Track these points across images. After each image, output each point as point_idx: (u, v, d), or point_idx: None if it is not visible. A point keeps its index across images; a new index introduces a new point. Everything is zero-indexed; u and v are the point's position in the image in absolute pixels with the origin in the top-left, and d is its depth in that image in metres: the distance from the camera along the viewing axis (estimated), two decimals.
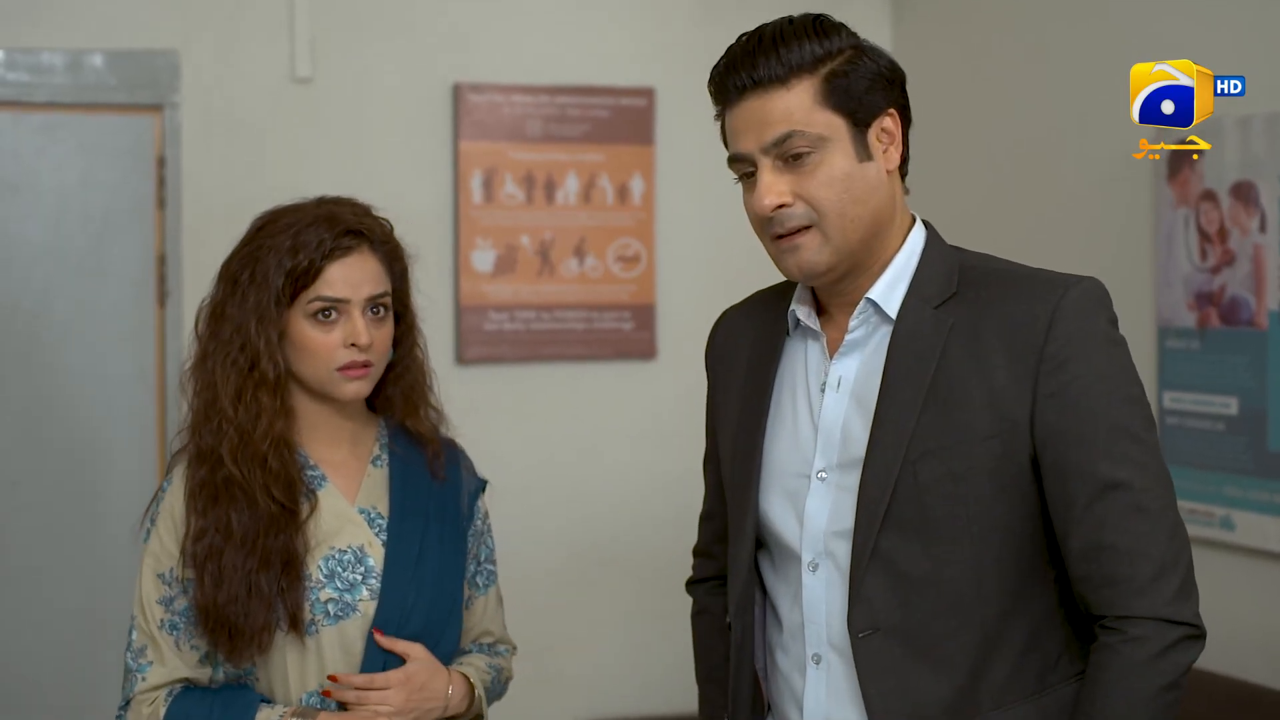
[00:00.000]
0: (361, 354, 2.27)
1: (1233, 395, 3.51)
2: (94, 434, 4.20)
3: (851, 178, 1.90)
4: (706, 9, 4.60)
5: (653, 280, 4.64)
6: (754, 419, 2.04)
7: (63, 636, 4.17)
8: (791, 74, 1.88)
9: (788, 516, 1.99)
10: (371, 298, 2.29)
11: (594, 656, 4.61)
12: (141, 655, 2.27)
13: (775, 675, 2.04)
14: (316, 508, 2.29)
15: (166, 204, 4.21)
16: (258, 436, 2.25)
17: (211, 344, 2.31)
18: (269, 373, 2.26)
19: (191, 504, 2.26)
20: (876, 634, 1.89)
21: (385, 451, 2.40)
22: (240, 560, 2.21)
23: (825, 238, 1.90)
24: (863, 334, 1.96)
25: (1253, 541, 3.48)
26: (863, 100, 1.90)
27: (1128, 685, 1.81)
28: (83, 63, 4.15)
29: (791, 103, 1.88)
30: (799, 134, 1.88)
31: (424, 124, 4.47)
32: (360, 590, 2.28)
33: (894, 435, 1.88)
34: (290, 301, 2.27)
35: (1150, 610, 1.82)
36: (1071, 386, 1.84)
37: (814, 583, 1.96)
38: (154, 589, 2.28)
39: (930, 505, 1.87)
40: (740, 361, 2.11)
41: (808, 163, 1.88)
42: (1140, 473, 1.84)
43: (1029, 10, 4.25)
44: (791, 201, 1.89)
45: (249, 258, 2.30)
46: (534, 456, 4.58)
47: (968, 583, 1.88)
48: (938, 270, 1.95)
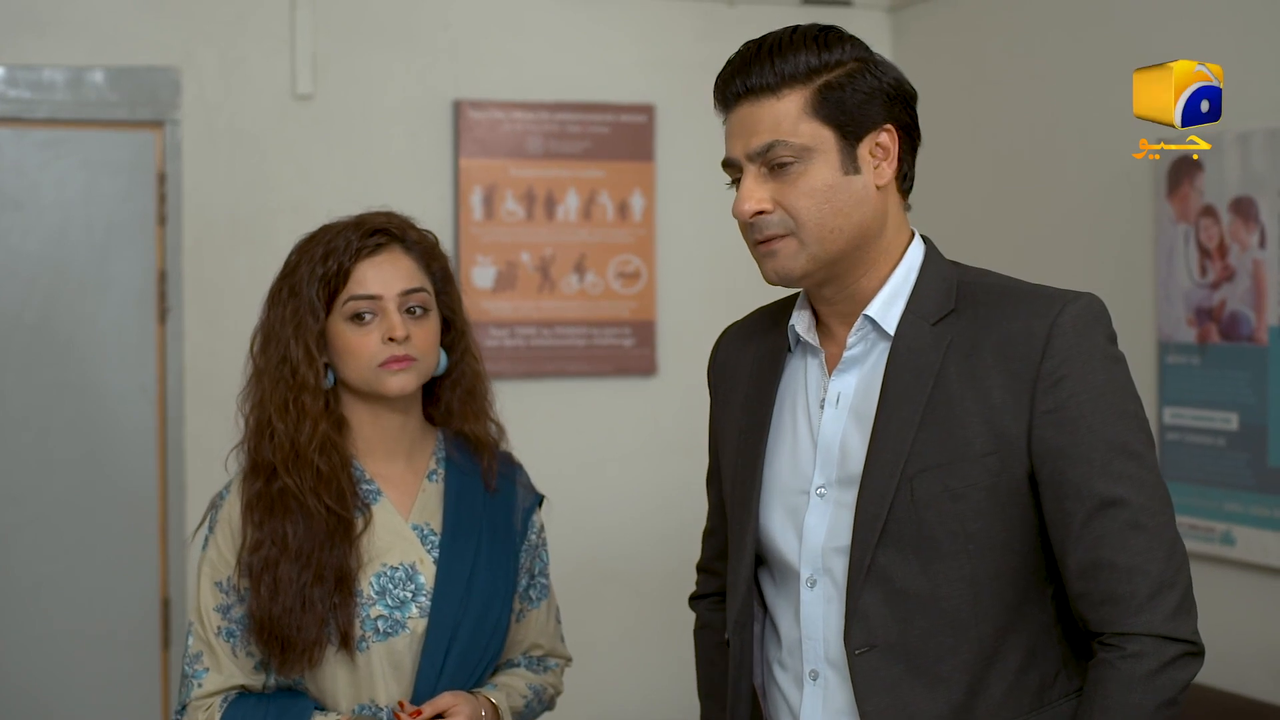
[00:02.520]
0: (400, 347, 2.28)
1: (1233, 411, 3.51)
2: (95, 448, 4.20)
3: (833, 190, 1.89)
4: (707, 26, 4.61)
5: (653, 296, 4.65)
6: (755, 436, 2.04)
7: (64, 649, 4.16)
8: (783, 83, 1.88)
9: (787, 532, 1.98)
10: (405, 293, 2.31)
11: (594, 672, 4.60)
12: (198, 661, 2.30)
13: (774, 691, 2.04)
14: (371, 522, 2.31)
15: (167, 220, 4.22)
16: (304, 442, 2.29)
17: (261, 362, 2.35)
18: (309, 379, 2.29)
19: (248, 516, 2.29)
20: (873, 651, 1.89)
21: (442, 465, 2.41)
22: (295, 573, 2.24)
23: (801, 245, 1.91)
24: (861, 350, 1.96)
25: (1253, 557, 3.47)
26: (856, 114, 1.90)
27: (1125, 702, 1.80)
28: (84, 79, 4.16)
29: (780, 112, 1.88)
30: (783, 144, 1.88)
31: (424, 140, 4.47)
32: (410, 608, 2.29)
33: (891, 452, 1.88)
34: (328, 308, 2.30)
35: (1148, 627, 1.81)
36: (1069, 403, 1.84)
37: (812, 599, 1.95)
38: (211, 597, 2.31)
39: (927, 522, 1.87)
40: (741, 378, 2.11)
41: (790, 172, 1.89)
42: (1138, 490, 1.84)
43: (1027, 24, 4.26)
44: (770, 209, 1.90)
45: (288, 275, 2.35)
46: (534, 472, 4.52)
47: (965, 600, 1.87)
48: (936, 287, 1.95)
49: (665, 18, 4.67)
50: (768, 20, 2.03)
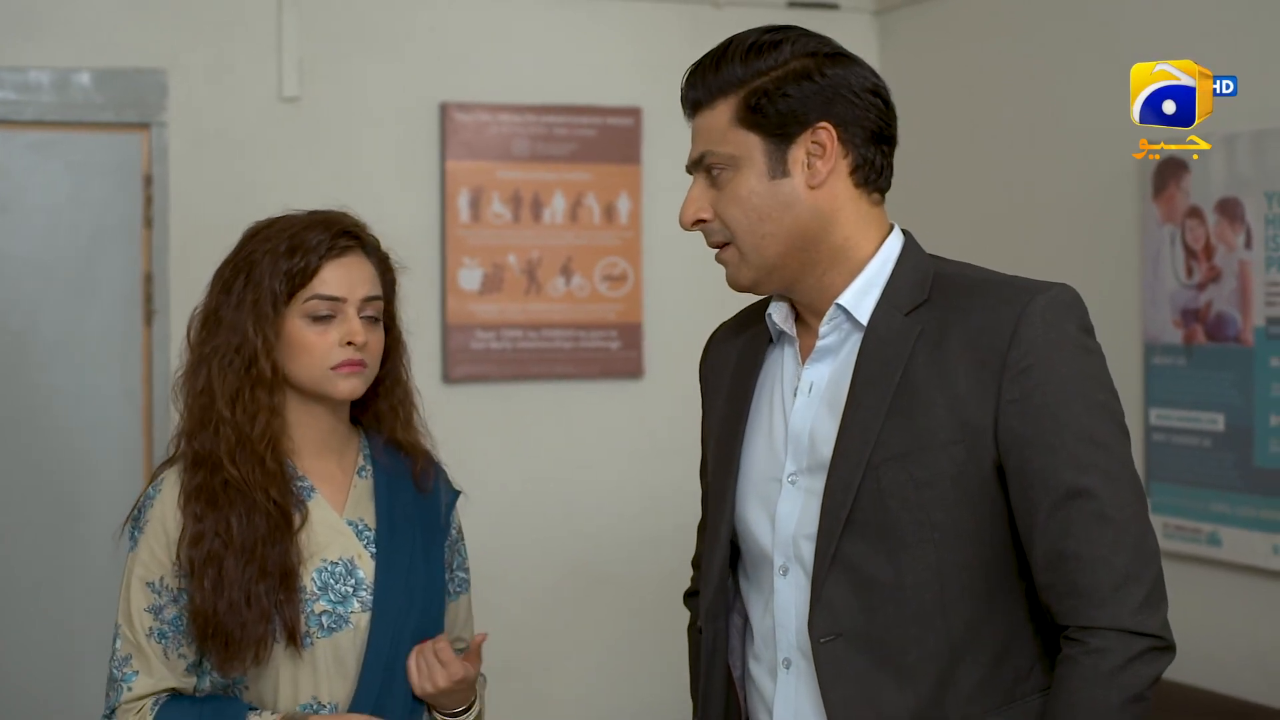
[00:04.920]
0: (357, 353, 2.28)
1: (1219, 412, 3.52)
2: (81, 451, 4.19)
3: (757, 196, 1.92)
4: (694, 28, 4.61)
5: (639, 299, 4.65)
6: (733, 427, 2.05)
7: (49, 654, 4.15)
8: (716, 95, 1.95)
9: (761, 520, 1.99)
10: (366, 299, 2.31)
11: (583, 675, 4.61)
12: (127, 664, 2.26)
13: (749, 681, 2.04)
14: (308, 518, 2.30)
15: (154, 223, 4.21)
16: (255, 436, 2.26)
17: (205, 349, 2.30)
18: (266, 371, 2.26)
19: (188, 508, 2.25)
20: (838, 639, 1.88)
21: (369, 463, 2.40)
22: (240, 569, 2.21)
23: (742, 255, 1.96)
24: (834, 340, 1.97)
25: (1240, 557, 3.48)
26: (785, 117, 1.91)
27: (1090, 698, 1.78)
28: (70, 81, 4.15)
29: (712, 123, 1.95)
30: (711, 153, 1.95)
31: (411, 143, 4.47)
32: (352, 603, 2.28)
33: (858, 441, 1.88)
34: (287, 301, 2.28)
35: (1112, 621, 1.79)
36: (1035, 393, 1.83)
37: (784, 586, 1.95)
38: (142, 597, 2.26)
39: (893, 511, 1.87)
40: (727, 374, 2.12)
41: (721, 181, 1.95)
42: (1105, 481, 1.82)
43: (1013, 27, 4.27)
44: (709, 217, 1.97)
45: (244, 262, 2.30)
46: (521, 475, 4.58)
47: (931, 590, 1.87)
48: (911, 278, 1.95)
49: (652, 20, 4.67)
50: (754, 23, 2.02)
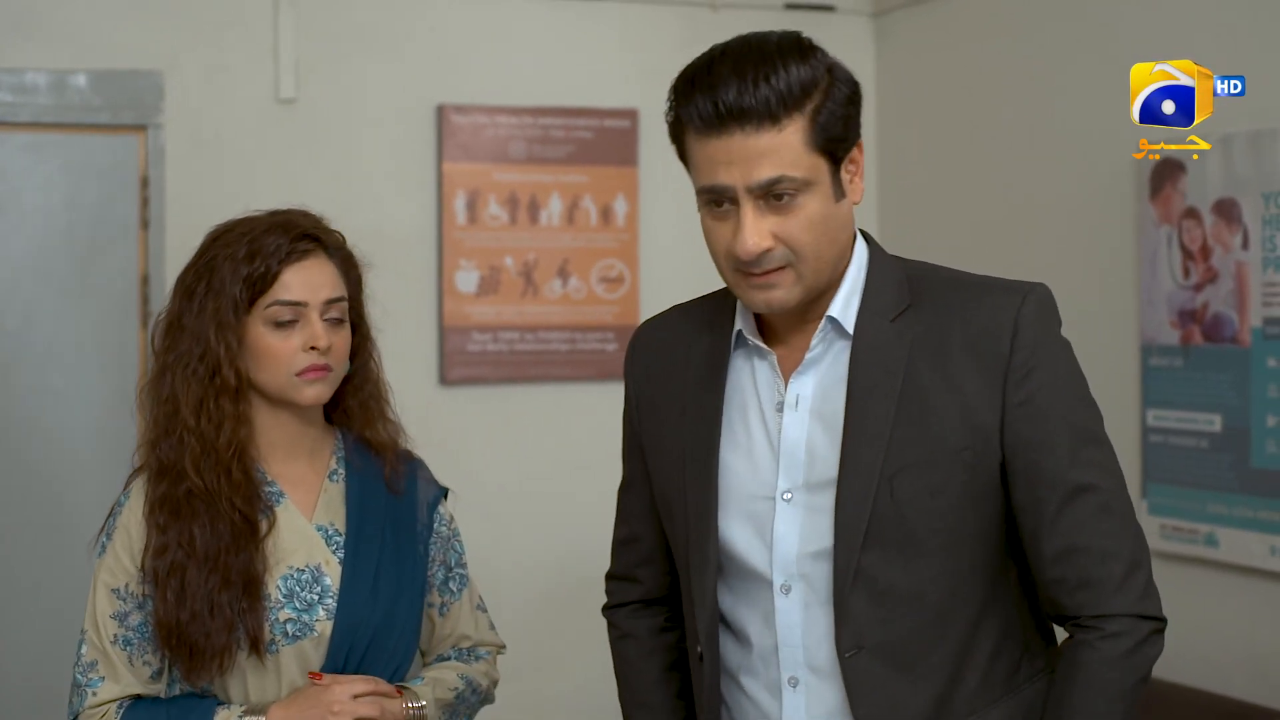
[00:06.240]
0: (321, 357, 2.26)
1: (1216, 412, 3.52)
2: (75, 454, 4.18)
3: (828, 220, 1.86)
4: (690, 30, 4.61)
5: (636, 301, 4.65)
6: (706, 444, 1.99)
7: (40, 656, 4.14)
8: (784, 113, 1.80)
9: (750, 540, 1.95)
10: (329, 302, 2.28)
11: (577, 677, 4.60)
12: (92, 670, 2.26)
13: (739, 700, 2.01)
14: (275, 525, 2.28)
15: (150, 224, 4.21)
16: (220, 445, 2.24)
17: (169, 357, 2.28)
18: (230, 380, 2.24)
19: (152, 519, 2.24)
20: (861, 653, 1.89)
21: (342, 465, 2.38)
22: (203, 579, 2.19)
23: (799, 277, 1.87)
24: (819, 351, 1.94)
25: (1237, 558, 3.48)
26: (841, 137, 1.86)
27: (1105, 680, 1.83)
28: (67, 83, 4.15)
29: (781, 144, 1.81)
30: (787, 179, 1.81)
31: (408, 145, 4.47)
32: (317, 610, 2.26)
33: (868, 452, 1.87)
34: (248, 308, 2.26)
35: (1124, 607, 1.85)
36: (1038, 395, 1.86)
37: (788, 606, 1.93)
38: (108, 604, 2.26)
39: (909, 520, 1.87)
40: (676, 380, 2.05)
41: (790, 205, 1.83)
42: (1103, 474, 1.88)
43: (1009, 28, 4.27)
44: (773, 245, 1.84)
45: (204, 269, 2.28)
46: (517, 477, 4.58)
47: (946, 593, 1.89)
48: (887, 282, 1.94)
49: (648, 22, 4.67)
50: (750, 26, 2.00)
